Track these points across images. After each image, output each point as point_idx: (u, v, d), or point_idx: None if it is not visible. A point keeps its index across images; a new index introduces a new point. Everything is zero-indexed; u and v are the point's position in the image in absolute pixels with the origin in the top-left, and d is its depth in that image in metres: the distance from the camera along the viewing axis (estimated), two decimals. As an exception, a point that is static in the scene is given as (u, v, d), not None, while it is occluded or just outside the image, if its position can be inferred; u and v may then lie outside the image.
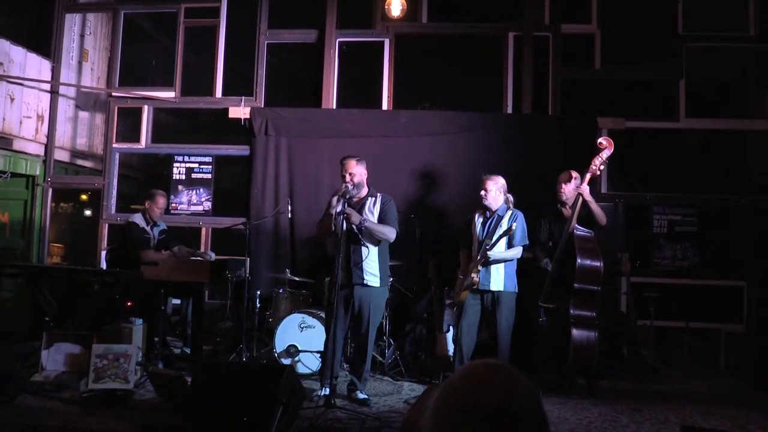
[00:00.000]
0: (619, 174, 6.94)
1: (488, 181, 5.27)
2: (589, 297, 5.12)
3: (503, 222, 5.19)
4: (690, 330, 6.44)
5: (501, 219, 5.22)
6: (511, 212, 5.26)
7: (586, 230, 5.22)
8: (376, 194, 5.05)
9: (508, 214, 5.24)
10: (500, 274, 5.15)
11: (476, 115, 7.03)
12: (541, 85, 7.24)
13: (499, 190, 5.27)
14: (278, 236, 7.06)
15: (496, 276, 5.14)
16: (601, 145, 5.27)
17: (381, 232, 4.86)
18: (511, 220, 5.18)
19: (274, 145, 7.17)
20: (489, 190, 5.25)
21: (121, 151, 7.85)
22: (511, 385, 1.13)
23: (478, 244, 5.28)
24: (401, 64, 7.50)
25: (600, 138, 5.46)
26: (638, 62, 7.24)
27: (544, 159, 6.65)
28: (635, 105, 7.16)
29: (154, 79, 8.08)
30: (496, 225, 5.20)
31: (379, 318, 4.99)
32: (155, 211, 6.30)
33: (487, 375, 1.14)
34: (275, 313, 6.05)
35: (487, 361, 1.19)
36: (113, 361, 4.78)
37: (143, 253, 5.91)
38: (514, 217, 5.21)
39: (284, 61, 7.73)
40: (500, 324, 5.09)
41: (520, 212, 5.28)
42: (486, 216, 5.34)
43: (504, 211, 5.27)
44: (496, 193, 5.26)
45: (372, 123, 7.13)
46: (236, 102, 7.49)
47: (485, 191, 5.25)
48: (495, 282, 5.13)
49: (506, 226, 5.07)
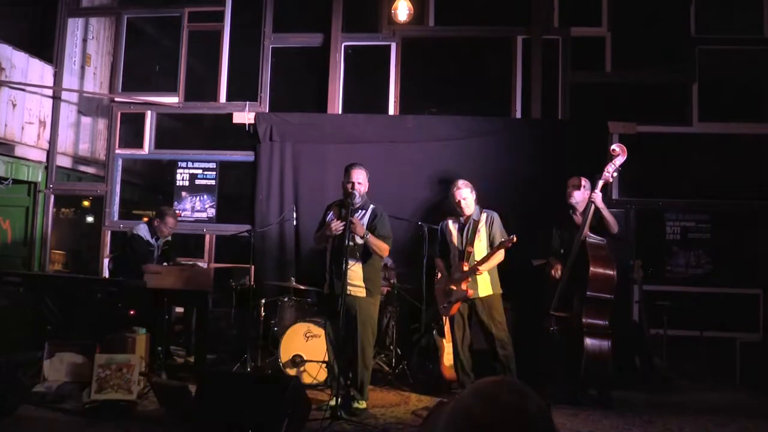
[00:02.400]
0: (630, 180, 6.92)
1: (464, 189, 5.30)
2: (602, 305, 5.11)
3: (480, 227, 5.22)
4: (704, 339, 6.40)
5: (477, 223, 5.24)
6: (485, 215, 5.29)
7: (598, 237, 5.21)
8: (368, 205, 4.98)
9: (484, 218, 5.28)
10: (486, 278, 5.19)
11: (484, 120, 7.03)
12: (551, 89, 7.23)
13: (472, 194, 5.32)
14: (283, 244, 7.06)
15: (482, 282, 5.18)
16: (614, 152, 5.26)
17: (378, 248, 4.83)
18: (488, 224, 5.24)
19: (279, 150, 7.19)
20: (465, 197, 5.29)
21: (123, 157, 7.87)
22: (522, 403, 1.13)
23: (458, 252, 5.30)
24: (408, 68, 7.51)
25: (613, 144, 5.45)
26: (650, 65, 7.23)
27: (553, 165, 6.62)
28: (647, 109, 7.14)
29: (157, 84, 8.14)
30: (473, 230, 5.23)
31: (369, 328, 4.88)
32: (164, 231, 6.32)
33: (498, 392, 1.15)
34: (280, 322, 6.03)
35: (497, 379, 1.20)
36: (116, 371, 4.77)
37: (145, 267, 5.92)
38: (490, 219, 5.25)
39: (289, 65, 7.75)
40: (496, 328, 5.14)
41: (494, 212, 5.32)
42: (461, 222, 5.36)
43: (478, 214, 5.29)
44: (470, 197, 5.30)
45: (378, 128, 7.14)
46: (240, 107, 7.51)
47: (463, 200, 5.28)
48: (483, 288, 5.19)
49: (485, 231, 5.16)
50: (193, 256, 7.47)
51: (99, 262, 7.60)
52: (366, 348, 4.87)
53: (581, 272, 5.12)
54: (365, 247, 4.82)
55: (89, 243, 8.18)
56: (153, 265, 6.05)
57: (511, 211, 5.71)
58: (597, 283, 5.08)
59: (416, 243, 6.52)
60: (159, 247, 6.36)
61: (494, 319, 5.18)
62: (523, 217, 6.04)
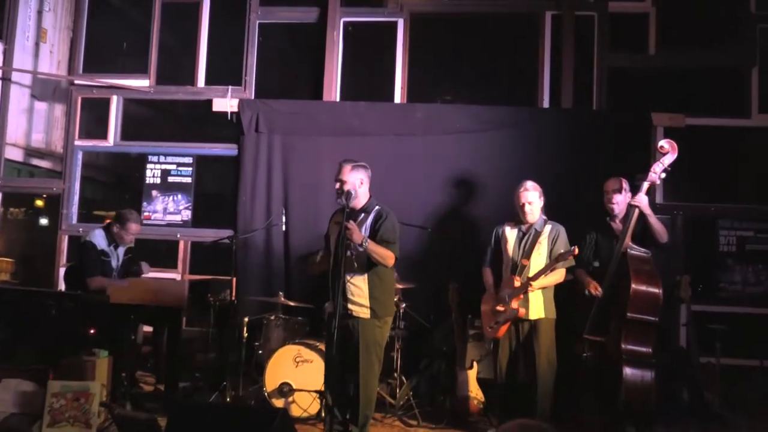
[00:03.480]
0: (677, 181, 6.87)
1: (532, 191, 5.28)
2: (645, 329, 5.06)
3: (542, 239, 5.21)
4: (764, 369, 6.37)
5: (539, 234, 5.23)
6: (550, 227, 5.27)
7: (642, 249, 5.17)
8: (372, 208, 4.89)
9: (548, 230, 5.25)
10: (539, 299, 5.16)
11: (506, 109, 7.02)
12: (584, 74, 7.23)
13: (540, 200, 5.30)
14: (270, 252, 7.05)
15: (535, 302, 5.15)
16: (663, 149, 5.21)
17: (380, 257, 4.70)
18: (551, 238, 5.21)
19: (267, 143, 7.19)
20: (531, 202, 5.26)
21: (84, 150, 7.88)
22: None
23: (511, 264, 5.27)
24: (417, 48, 7.51)
25: (662, 141, 5.39)
26: (701, 47, 7.21)
27: (587, 163, 6.62)
28: (697, 98, 7.13)
29: (124, 65, 8.12)
30: (533, 242, 5.21)
31: (374, 356, 4.80)
32: (124, 238, 6.20)
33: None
34: (266, 344, 6.02)
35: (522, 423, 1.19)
36: (72, 401, 4.75)
37: (90, 281, 5.89)
38: (556, 233, 5.23)
39: (279, 44, 7.77)
40: (539, 358, 5.12)
41: (561, 226, 5.29)
42: (521, 230, 5.32)
43: (542, 225, 5.27)
44: (537, 203, 5.28)
45: (382, 119, 7.12)
46: (222, 92, 7.50)
47: (529, 203, 5.25)
48: (535, 309, 5.15)
49: (546, 245, 5.13)
50: (164, 266, 7.43)
51: (54, 272, 7.59)
52: (369, 381, 4.78)
53: (620, 289, 5.08)
54: (368, 258, 4.73)
55: (43, 250, 8.15)
56: (100, 278, 5.97)
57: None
58: (639, 303, 5.03)
59: (424, 253, 6.50)
60: (120, 257, 6.29)
61: (542, 348, 5.14)
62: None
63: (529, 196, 5.27)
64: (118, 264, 6.27)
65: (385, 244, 4.71)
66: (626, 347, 5.05)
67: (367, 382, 4.76)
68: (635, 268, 5.05)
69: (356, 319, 4.74)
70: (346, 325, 4.70)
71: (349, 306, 4.71)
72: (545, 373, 5.13)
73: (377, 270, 4.78)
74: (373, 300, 4.76)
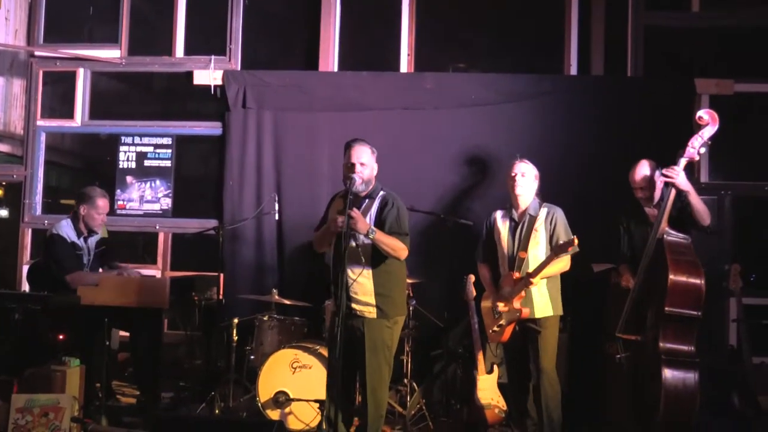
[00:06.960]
0: (725, 157, 6.91)
1: (523, 163, 5.29)
2: (686, 326, 5.08)
3: (538, 225, 5.20)
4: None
5: (534, 220, 5.21)
6: (546, 210, 5.26)
7: (680, 235, 5.18)
8: (377, 193, 4.91)
9: (543, 213, 5.25)
10: (544, 293, 5.17)
11: (528, 78, 7.03)
12: (618, 36, 7.22)
13: (534, 178, 5.30)
14: (262, 245, 7.10)
15: (538, 299, 5.15)
16: (702, 120, 5.19)
17: (391, 248, 4.70)
18: (549, 222, 5.22)
19: (255, 120, 7.21)
20: (525, 173, 5.26)
21: (48, 131, 7.93)
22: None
23: (508, 259, 5.29)
24: (426, 10, 7.50)
25: (700, 111, 5.40)
26: (753, 3, 7.19)
27: (620, 137, 6.65)
28: (748, 62, 7.12)
29: (92, 34, 8.14)
30: (529, 231, 5.19)
31: (382, 360, 4.80)
32: (95, 218, 6.18)
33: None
34: (258, 349, 6.07)
35: None
36: (40, 416, 4.79)
37: (70, 278, 5.90)
38: (552, 216, 5.23)
39: (268, 8, 7.76)
40: (543, 360, 5.13)
41: (558, 208, 5.29)
42: (513, 218, 5.34)
43: (536, 208, 5.27)
44: (531, 181, 5.28)
45: (387, 90, 7.14)
46: (204, 63, 7.51)
47: (521, 175, 5.24)
48: (540, 306, 5.15)
49: (544, 232, 5.15)
50: (142, 262, 7.50)
51: (16, 270, 7.65)
52: (378, 388, 4.78)
53: (657, 281, 5.10)
54: (375, 250, 4.74)
55: (3, 245, 8.21)
56: (85, 274, 6.03)
57: (563, 200, 5.69)
58: (678, 296, 5.04)
59: (436, 243, 6.51)
60: (91, 250, 6.29)
61: (547, 348, 5.17)
62: (580, 208, 6.00)
63: (522, 167, 5.26)
64: (90, 259, 6.26)
65: (395, 235, 4.71)
66: (665, 346, 5.05)
67: (375, 391, 4.75)
68: (673, 257, 5.04)
69: (361, 319, 4.75)
70: (350, 326, 4.72)
71: (352, 305, 4.72)
72: (551, 376, 5.15)
73: (386, 263, 4.79)
74: (380, 297, 4.76)
